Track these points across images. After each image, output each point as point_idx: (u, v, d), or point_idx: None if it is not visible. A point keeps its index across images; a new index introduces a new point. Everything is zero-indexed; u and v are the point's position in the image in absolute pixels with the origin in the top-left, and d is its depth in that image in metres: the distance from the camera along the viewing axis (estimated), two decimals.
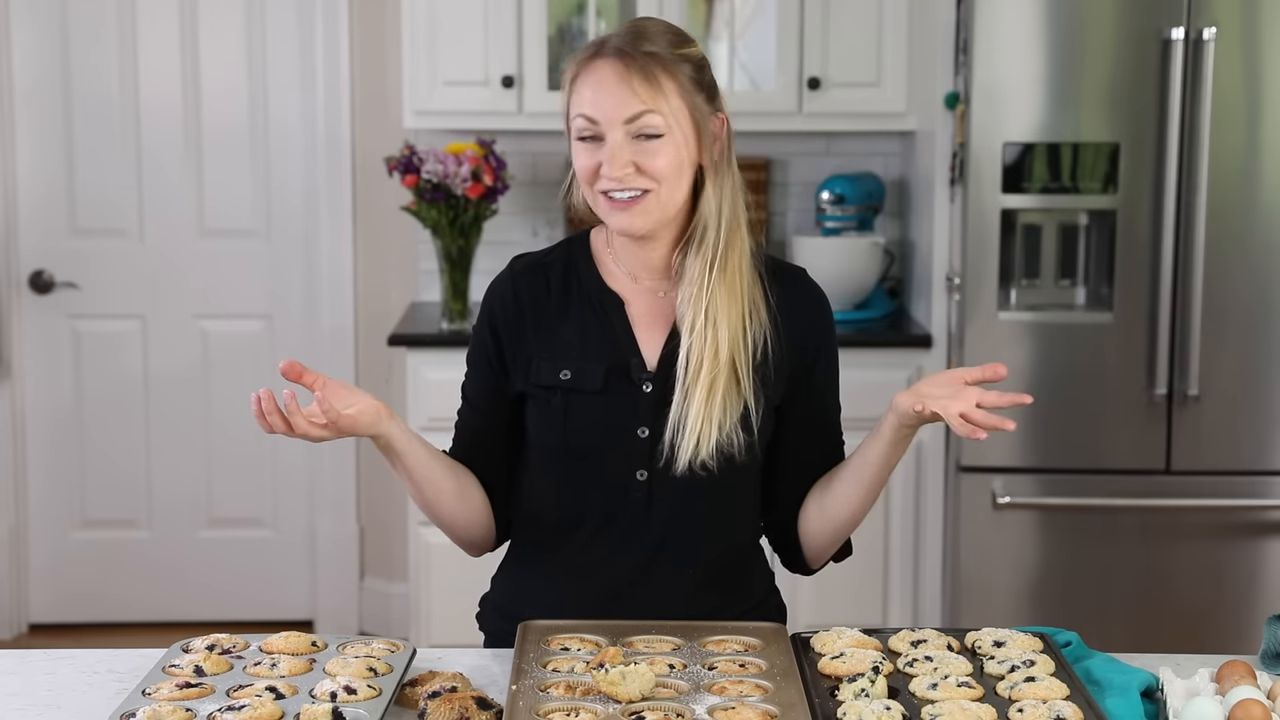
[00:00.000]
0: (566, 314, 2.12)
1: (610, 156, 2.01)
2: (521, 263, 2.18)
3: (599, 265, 2.15)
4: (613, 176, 2.01)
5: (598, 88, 2.01)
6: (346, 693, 1.79)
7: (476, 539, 2.20)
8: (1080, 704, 1.77)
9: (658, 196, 2.03)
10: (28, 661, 2.05)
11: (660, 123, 2.01)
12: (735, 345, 2.06)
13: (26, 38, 4.67)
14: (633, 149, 2.01)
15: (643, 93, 2.00)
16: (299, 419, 1.97)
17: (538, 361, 2.11)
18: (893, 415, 2.04)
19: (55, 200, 4.74)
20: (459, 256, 4.31)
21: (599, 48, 2.04)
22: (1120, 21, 3.82)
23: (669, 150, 2.02)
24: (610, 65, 2.02)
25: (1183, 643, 3.77)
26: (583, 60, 2.05)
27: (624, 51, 2.02)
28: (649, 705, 1.75)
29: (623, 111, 2.00)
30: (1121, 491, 3.92)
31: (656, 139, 2.01)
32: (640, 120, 2.00)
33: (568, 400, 2.09)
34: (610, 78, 2.01)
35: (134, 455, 4.84)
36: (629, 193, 2.02)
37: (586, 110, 2.02)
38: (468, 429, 2.19)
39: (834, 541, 2.19)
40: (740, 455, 2.07)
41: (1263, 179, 3.84)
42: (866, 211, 4.53)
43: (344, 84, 4.68)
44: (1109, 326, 3.90)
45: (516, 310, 2.13)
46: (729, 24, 4.45)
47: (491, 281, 2.19)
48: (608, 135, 2.01)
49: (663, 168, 2.02)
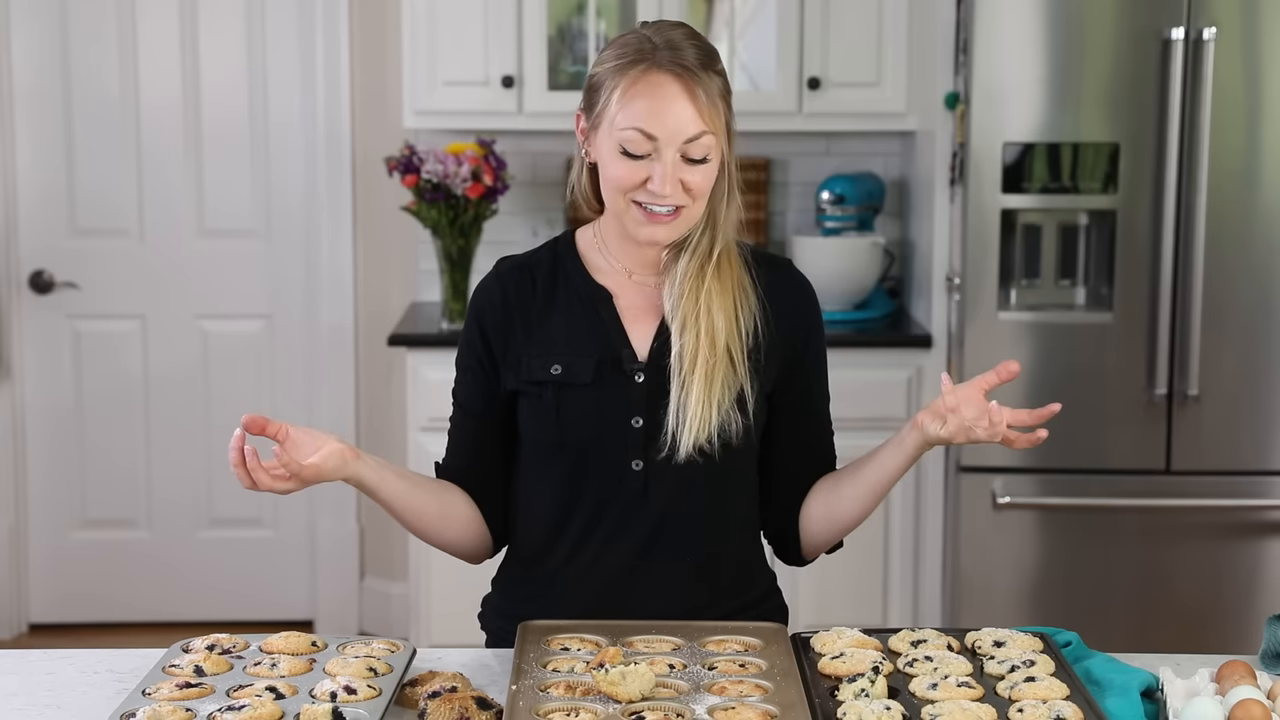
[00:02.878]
0: (554, 310, 2.14)
1: (664, 175, 2.00)
2: (507, 264, 2.19)
3: (586, 262, 2.16)
4: (663, 194, 2.01)
5: (660, 104, 2.00)
6: (346, 693, 1.79)
7: (471, 551, 2.21)
8: (1080, 704, 1.77)
9: (690, 212, 2.05)
10: (28, 661, 2.05)
11: (712, 143, 2.02)
12: (730, 334, 2.08)
13: (26, 38, 4.67)
14: (681, 168, 2.02)
15: (705, 113, 2.01)
16: (260, 474, 1.97)
17: (528, 359, 2.12)
18: (917, 434, 2.08)
19: (55, 200, 4.74)
20: (459, 256, 4.31)
21: (648, 58, 2.02)
22: (1120, 21, 3.82)
23: (711, 169, 2.04)
24: (673, 83, 2.00)
25: (1183, 643, 3.77)
26: (639, 72, 2.01)
27: (691, 70, 2.00)
28: (649, 705, 1.75)
29: (684, 132, 2.00)
30: (1121, 491, 3.92)
31: (702, 160, 2.02)
32: (697, 141, 2.01)
33: (560, 394, 2.10)
34: (674, 96, 2.00)
35: (134, 455, 4.84)
36: (669, 209, 2.03)
37: (645, 125, 2.00)
38: (461, 433, 2.20)
39: (833, 538, 2.23)
40: (737, 439, 2.08)
41: (1263, 179, 3.84)
42: (866, 211, 4.53)
43: (344, 84, 4.68)
44: (1109, 326, 3.90)
45: (504, 310, 2.14)
46: (729, 24, 4.45)
47: (478, 284, 2.20)
48: (663, 153, 2.01)
49: (702, 185, 2.04)
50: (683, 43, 2.04)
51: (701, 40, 2.08)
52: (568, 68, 4.42)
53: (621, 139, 2.02)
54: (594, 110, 2.06)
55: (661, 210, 2.03)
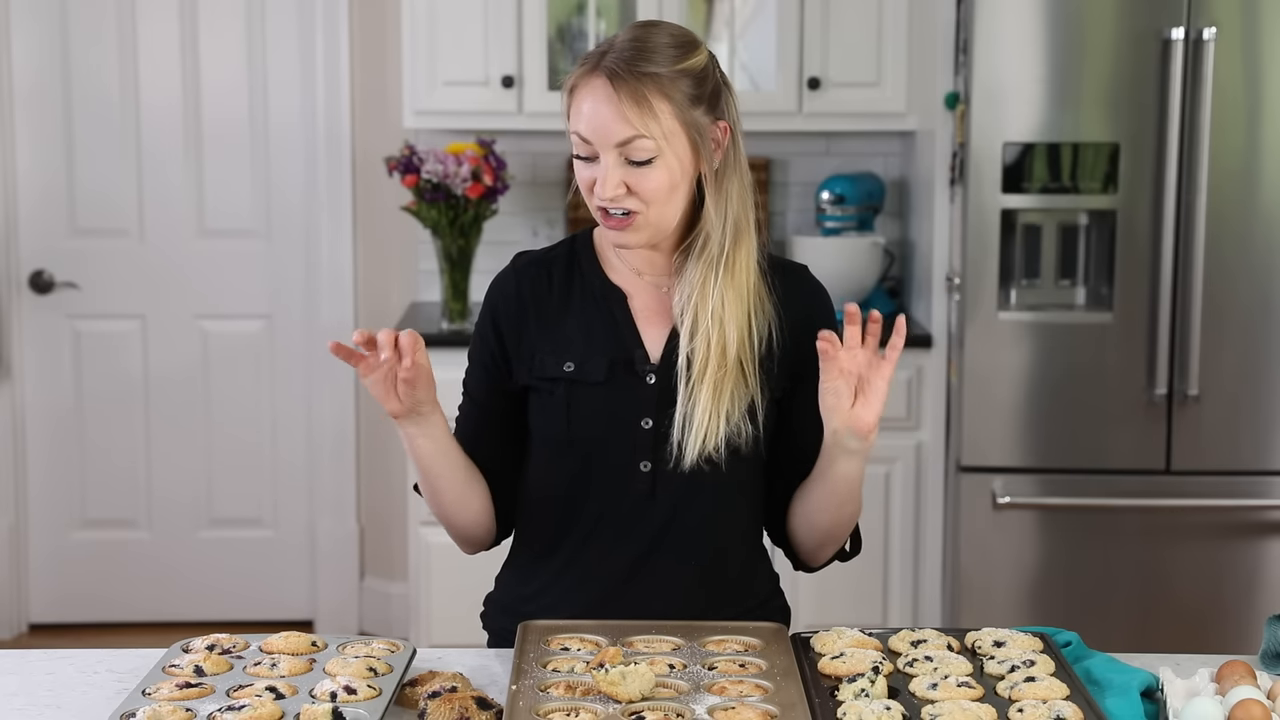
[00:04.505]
0: (569, 308, 2.13)
1: (602, 178, 2.00)
2: (524, 259, 2.19)
3: (602, 261, 2.16)
4: (604, 197, 2.01)
5: (590, 107, 2.00)
6: (346, 693, 1.79)
7: (475, 536, 2.20)
8: (1080, 704, 1.77)
9: (647, 217, 2.03)
10: (28, 661, 2.05)
11: (651, 146, 1.99)
12: (742, 343, 2.07)
13: (26, 38, 4.67)
14: (624, 170, 2.00)
15: (633, 118, 1.98)
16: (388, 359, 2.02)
17: (541, 355, 2.12)
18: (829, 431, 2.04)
19: (55, 200, 4.74)
20: (459, 256, 4.31)
21: (597, 61, 2.02)
22: (1120, 21, 3.82)
23: (660, 173, 2.01)
24: (603, 86, 1.99)
25: (1183, 643, 3.77)
26: (580, 74, 2.03)
27: (617, 72, 1.99)
28: (649, 705, 1.75)
29: (613, 136, 1.99)
30: (1121, 491, 3.92)
31: (647, 163, 2.00)
32: (631, 145, 1.99)
33: (571, 392, 2.10)
34: (602, 99, 1.99)
35: (134, 455, 4.84)
36: (620, 212, 2.02)
37: (580, 129, 2.01)
38: (468, 422, 2.19)
39: (823, 544, 2.18)
40: (745, 447, 2.08)
41: (1263, 179, 3.84)
42: (866, 211, 4.53)
43: (344, 84, 4.68)
44: (1109, 326, 3.90)
45: (519, 305, 2.14)
46: (729, 24, 4.45)
47: (494, 278, 2.20)
48: (601, 156, 2.01)
49: (653, 190, 2.01)
50: (648, 45, 2.01)
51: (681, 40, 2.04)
52: (568, 68, 4.42)
53: (572, 141, 2.04)
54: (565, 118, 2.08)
55: (614, 214, 2.03)
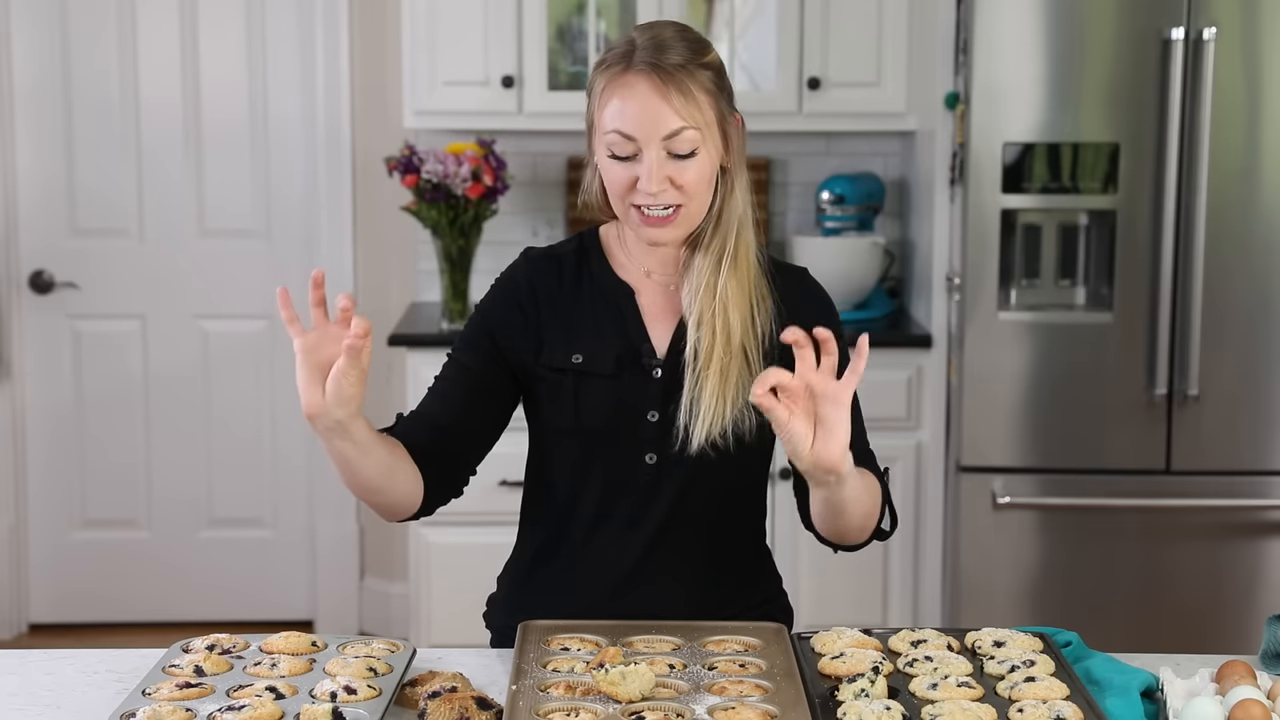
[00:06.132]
0: (579, 302, 2.16)
1: (648, 174, 2.01)
2: (535, 253, 2.22)
3: (610, 258, 2.18)
4: (650, 193, 2.02)
5: (634, 104, 2.01)
6: (346, 693, 1.79)
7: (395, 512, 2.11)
8: (1080, 704, 1.77)
9: (688, 210, 2.05)
10: (28, 661, 2.05)
11: (696, 137, 2.02)
12: (746, 333, 2.09)
13: (26, 38, 4.67)
14: (668, 165, 2.02)
15: (681, 109, 2.00)
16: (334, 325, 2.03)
17: (549, 345, 2.13)
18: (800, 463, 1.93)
19: (55, 200, 4.74)
20: (459, 256, 4.31)
21: (626, 59, 2.03)
22: (1120, 21, 3.82)
23: (702, 164, 2.03)
24: (645, 80, 2.01)
25: (1183, 643, 3.77)
26: (613, 74, 2.03)
27: (658, 66, 2.00)
28: (649, 705, 1.75)
29: (661, 129, 2.00)
30: (1121, 491, 3.92)
31: (689, 155, 2.02)
32: (677, 137, 2.01)
33: (579, 382, 2.12)
34: (647, 93, 2.00)
35: (134, 455, 4.84)
36: (664, 209, 2.03)
37: (623, 126, 2.01)
38: (447, 385, 2.17)
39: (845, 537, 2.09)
40: (750, 436, 2.09)
41: (1263, 179, 3.84)
42: (866, 211, 4.53)
43: (344, 84, 4.68)
44: (1109, 326, 3.90)
45: (530, 293, 2.16)
46: (729, 24, 4.45)
47: (505, 268, 2.21)
48: (645, 152, 2.01)
49: (694, 181, 2.03)
50: (666, 41, 2.04)
51: (691, 36, 2.07)
52: (568, 68, 4.42)
53: (607, 142, 2.03)
54: (589, 117, 2.09)
55: (656, 212, 2.03)
